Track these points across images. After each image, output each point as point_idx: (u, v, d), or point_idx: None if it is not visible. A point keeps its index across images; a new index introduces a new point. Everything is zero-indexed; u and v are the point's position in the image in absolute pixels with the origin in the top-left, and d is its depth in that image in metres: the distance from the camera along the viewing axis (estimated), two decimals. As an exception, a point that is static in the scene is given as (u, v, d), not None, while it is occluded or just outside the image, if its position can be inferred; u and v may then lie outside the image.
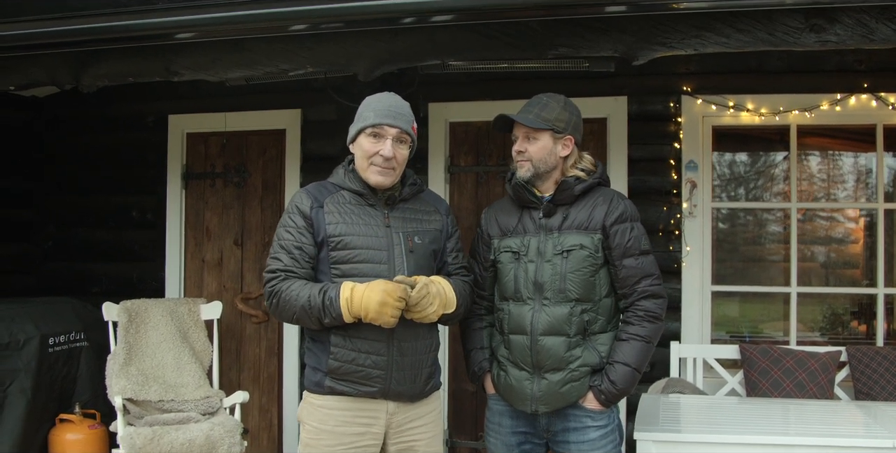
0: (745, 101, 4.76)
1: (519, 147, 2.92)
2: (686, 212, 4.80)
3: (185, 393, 4.62)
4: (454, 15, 3.26)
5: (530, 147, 2.89)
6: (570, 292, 2.79)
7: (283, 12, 3.34)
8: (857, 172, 5.17)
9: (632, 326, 2.83)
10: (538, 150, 2.88)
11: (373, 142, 2.75)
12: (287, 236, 2.76)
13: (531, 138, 2.90)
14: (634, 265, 2.83)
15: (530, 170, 2.90)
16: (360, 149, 2.77)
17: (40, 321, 4.71)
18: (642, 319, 2.82)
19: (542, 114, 2.88)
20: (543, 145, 2.88)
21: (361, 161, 2.78)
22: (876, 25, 3.04)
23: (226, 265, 5.49)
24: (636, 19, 3.21)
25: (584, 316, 2.80)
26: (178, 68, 3.78)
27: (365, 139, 2.75)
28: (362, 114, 2.79)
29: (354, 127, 2.80)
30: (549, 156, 2.89)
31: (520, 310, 2.85)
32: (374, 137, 2.75)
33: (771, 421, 3.55)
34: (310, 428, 2.76)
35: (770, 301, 5.33)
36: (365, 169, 2.77)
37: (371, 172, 2.77)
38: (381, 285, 2.57)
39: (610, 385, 2.79)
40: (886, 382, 4.35)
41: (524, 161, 2.91)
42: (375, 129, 2.74)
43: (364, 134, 2.76)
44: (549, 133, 2.88)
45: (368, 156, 2.75)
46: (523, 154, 2.91)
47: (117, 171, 5.67)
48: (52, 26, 3.56)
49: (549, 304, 2.80)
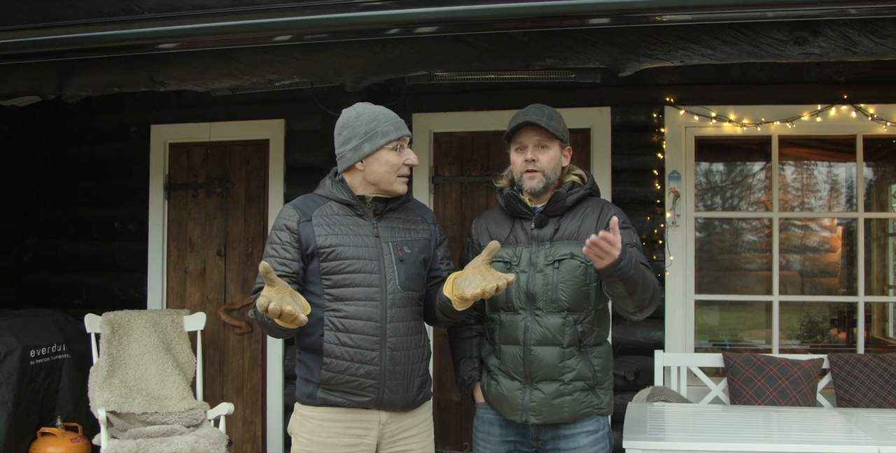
0: (728, 111, 4.81)
1: (531, 155, 2.86)
2: (669, 221, 4.84)
3: (168, 406, 4.58)
4: (439, 26, 3.28)
5: (542, 156, 2.86)
6: (562, 302, 2.79)
7: (267, 23, 3.35)
8: (837, 182, 5.24)
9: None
10: (549, 160, 2.86)
11: (398, 155, 2.77)
12: (272, 252, 2.76)
13: (543, 147, 2.87)
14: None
15: (542, 181, 2.86)
16: (384, 164, 2.75)
17: (21, 333, 4.66)
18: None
19: (552, 123, 2.85)
20: (555, 155, 2.88)
21: (388, 175, 2.77)
22: (858, 38, 3.09)
23: (209, 276, 5.46)
24: (623, 31, 3.24)
25: (577, 326, 2.80)
26: (164, 78, 3.77)
27: (389, 153, 2.75)
28: (379, 130, 2.75)
29: (371, 143, 2.74)
30: (557, 167, 2.89)
31: (512, 319, 2.85)
32: (397, 150, 2.77)
33: (756, 429, 3.58)
34: (302, 440, 2.75)
35: (750, 309, 5.38)
36: (393, 182, 2.78)
37: (398, 184, 2.80)
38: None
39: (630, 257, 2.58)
40: (868, 389, 4.40)
41: (536, 172, 2.86)
42: (399, 142, 2.78)
43: (386, 149, 2.75)
44: (558, 142, 2.88)
45: (397, 169, 2.78)
46: (535, 163, 2.85)
47: (99, 182, 5.63)
48: (35, 36, 3.54)
49: (542, 314, 2.80)
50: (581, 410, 2.82)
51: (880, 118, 4.68)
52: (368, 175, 2.78)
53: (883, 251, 5.50)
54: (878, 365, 4.45)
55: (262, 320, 2.58)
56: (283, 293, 2.42)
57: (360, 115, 2.79)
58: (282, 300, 2.39)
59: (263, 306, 2.36)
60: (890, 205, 5.51)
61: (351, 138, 2.77)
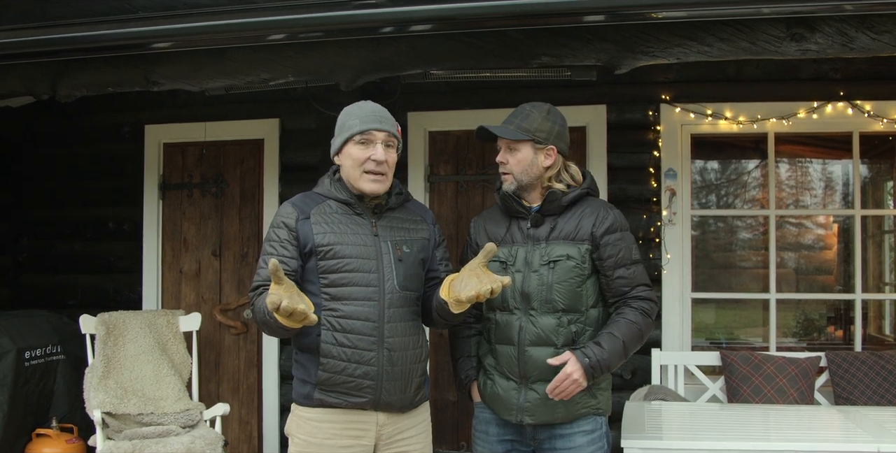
0: (724, 109, 4.81)
1: (500, 158, 2.91)
2: (666, 219, 4.83)
3: (164, 406, 4.56)
4: (434, 24, 3.26)
5: (511, 158, 2.87)
6: (556, 302, 2.78)
7: (261, 22, 3.33)
8: (833, 180, 5.24)
9: (626, 312, 2.79)
10: (518, 162, 2.86)
11: (362, 149, 2.71)
12: (270, 250, 2.73)
13: (511, 149, 2.88)
14: (626, 275, 2.82)
15: (514, 183, 2.88)
16: (349, 158, 2.74)
17: (16, 334, 4.64)
18: (636, 310, 2.79)
19: (523, 124, 2.85)
20: (524, 157, 2.86)
21: (353, 170, 2.74)
22: (855, 34, 3.08)
23: (204, 276, 5.44)
24: (619, 28, 3.23)
25: (571, 327, 2.78)
26: (158, 78, 3.75)
27: (354, 147, 2.72)
28: (346, 124, 2.75)
29: (339, 137, 2.76)
30: (531, 168, 2.87)
31: (507, 319, 2.84)
32: (364, 144, 2.71)
33: (754, 427, 3.57)
34: (298, 442, 2.73)
35: (746, 307, 5.38)
36: (357, 178, 2.73)
37: (364, 181, 2.73)
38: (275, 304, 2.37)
39: (596, 347, 2.70)
40: (866, 387, 4.39)
41: (506, 174, 2.90)
42: (364, 136, 2.71)
43: (352, 142, 2.72)
44: (529, 144, 2.85)
45: (360, 164, 2.71)
46: (505, 166, 2.89)
47: (93, 182, 5.61)
48: (29, 35, 3.51)
49: (537, 315, 2.79)
50: (577, 411, 2.81)
51: (876, 115, 4.68)
52: (342, 172, 2.79)
53: (879, 248, 5.51)
54: (875, 362, 4.44)
55: (264, 319, 2.54)
56: (291, 291, 2.37)
57: (345, 112, 2.81)
58: (291, 298, 2.34)
59: (275, 304, 2.30)
60: (886, 201, 5.52)
61: (335, 135, 2.81)
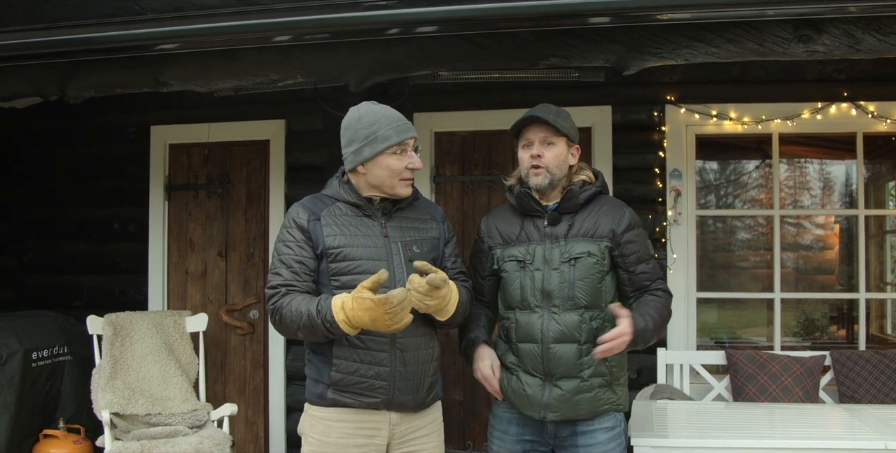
0: (728, 109, 4.82)
1: (536, 151, 2.86)
2: (671, 220, 4.85)
3: (172, 407, 4.57)
4: (443, 26, 3.28)
5: (547, 152, 2.85)
6: (578, 299, 2.80)
7: (270, 23, 3.34)
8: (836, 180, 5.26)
9: (652, 299, 2.86)
10: (555, 157, 2.85)
11: (399, 159, 2.72)
12: (286, 251, 2.74)
13: (549, 144, 2.86)
14: (647, 270, 2.87)
15: (547, 178, 2.86)
16: (385, 169, 2.73)
17: (23, 335, 4.65)
18: (659, 298, 2.87)
19: (559, 120, 2.85)
20: (560, 151, 2.86)
21: (389, 179, 2.74)
22: (862, 36, 3.10)
23: (210, 277, 5.45)
24: (627, 30, 3.25)
25: (593, 323, 2.80)
26: (167, 78, 3.76)
27: (391, 158, 2.72)
28: (379, 134, 2.71)
29: (371, 147, 2.71)
30: (563, 164, 2.88)
31: (528, 318, 2.85)
32: (400, 154, 2.73)
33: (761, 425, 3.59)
34: (312, 441, 2.74)
35: (747, 307, 5.40)
36: (394, 186, 2.75)
37: (401, 187, 2.77)
38: (364, 304, 2.49)
39: (648, 316, 2.75)
40: (870, 385, 4.41)
41: (540, 168, 2.85)
42: (401, 146, 2.73)
43: (386, 153, 2.71)
44: (565, 139, 2.87)
45: (398, 173, 2.73)
46: (540, 159, 2.85)
47: (99, 183, 5.62)
48: (37, 37, 3.53)
49: (559, 312, 2.80)
50: (599, 407, 2.82)
51: (880, 115, 4.69)
52: (370, 178, 2.76)
53: (880, 248, 5.53)
54: (879, 361, 4.47)
55: (308, 323, 2.59)
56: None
57: (362, 118, 2.75)
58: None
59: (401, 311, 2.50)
60: (887, 202, 5.54)
61: (353, 141, 2.75)
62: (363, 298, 2.49)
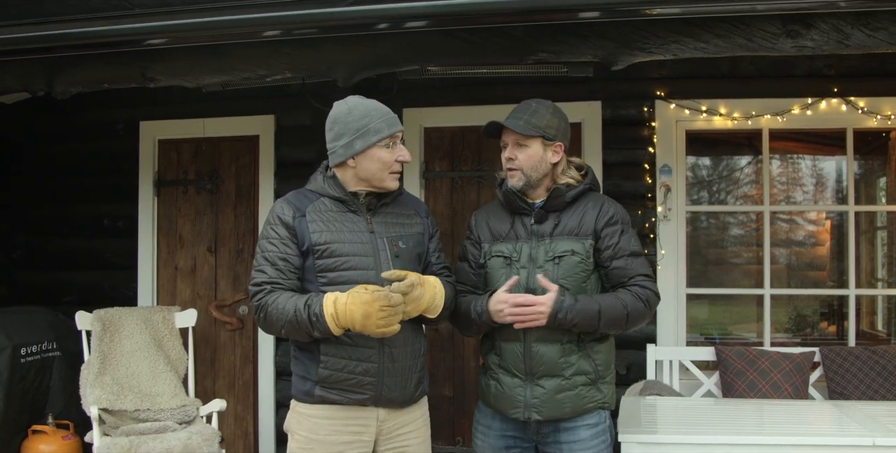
0: (718, 105, 4.82)
1: (509, 154, 2.87)
2: (661, 215, 4.85)
3: (161, 402, 4.56)
4: (431, 21, 3.26)
5: (520, 154, 2.84)
6: None
7: (258, 18, 3.32)
8: (827, 176, 5.26)
9: (619, 291, 2.80)
10: (528, 158, 2.84)
11: (390, 151, 2.74)
12: (270, 248, 2.72)
13: (521, 145, 2.85)
14: (623, 265, 2.81)
15: (522, 180, 2.85)
16: (376, 161, 2.73)
17: (12, 331, 4.64)
18: (628, 292, 2.79)
19: (532, 120, 2.83)
20: (534, 153, 2.84)
21: (380, 172, 2.74)
22: (851, 31, 3.09)
23: (199, 272, 5.44)
24: (616, 25, 3.24)
25: None
26: (155, 74, 3.75)
27: (382, 150, 2.72)
28: (370, 127, 2.72)
29: (363, 140, 2.71)
30: (540, 164, 2.85)
31: None
32: (390, 146, 2.74)
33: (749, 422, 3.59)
34: (299, 438, 2.73)
35: (738, 303, 5.40)
36: (384, 179, 2.76)
37: (390, 180, 2.78)
38: (361, 298, 2.51)
39: (574, 299, 2.70)
40: (859, 381, 4.42)
41: (515, 170, 2.86)
42: (391, 139, 2.74)
43: (378, 146, 2.72)
44: (539, 140, 2.84)
45: (389, 166, 2.75)
46: (513, 162, 2.86)
47: (88, 179, 5.59)
48: (24, 32, 3.50)
49: None
50: (584, 405, 2.81)
51: (870, 111, 4.69)
52: (360, 171, 2.75)
53: (871, 244, 5.53)
54: (869, 357, 4.47)
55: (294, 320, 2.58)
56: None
57: (351, 111, 2.75)
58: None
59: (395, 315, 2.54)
60: (878, 198, 5.54)
61: (342, 134, 2.74)
62: (359, 292, 2.52)
